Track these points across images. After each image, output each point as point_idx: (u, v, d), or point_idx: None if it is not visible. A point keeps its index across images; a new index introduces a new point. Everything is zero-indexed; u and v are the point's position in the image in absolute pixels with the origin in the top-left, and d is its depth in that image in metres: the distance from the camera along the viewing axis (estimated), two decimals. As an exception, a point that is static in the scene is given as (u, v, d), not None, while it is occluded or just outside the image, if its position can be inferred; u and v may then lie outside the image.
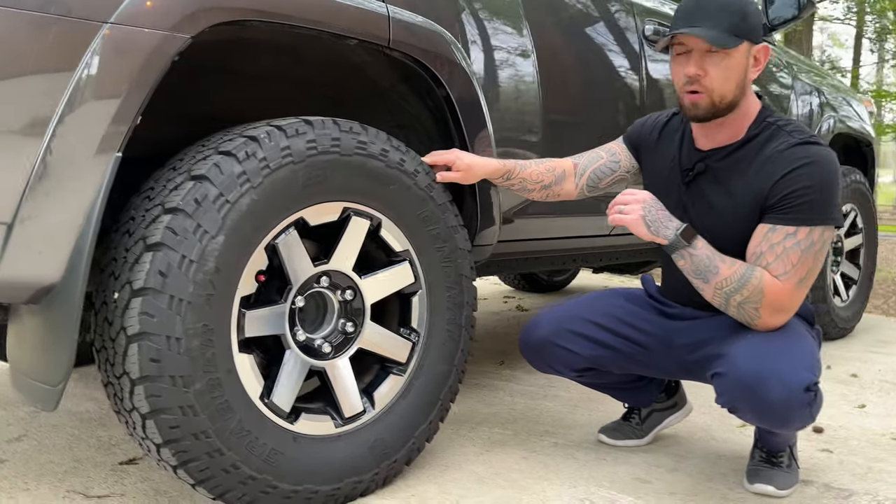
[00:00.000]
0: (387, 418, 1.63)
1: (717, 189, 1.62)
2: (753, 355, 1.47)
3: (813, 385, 1.43)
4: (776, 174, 1.53)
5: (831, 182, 1.51)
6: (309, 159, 1.44)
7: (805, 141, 1.54)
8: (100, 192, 1.22)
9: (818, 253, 1.52)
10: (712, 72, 1.53)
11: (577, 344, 1.75)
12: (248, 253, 1.38)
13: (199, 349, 1.30)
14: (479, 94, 1.78)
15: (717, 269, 1.53)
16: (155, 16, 1.23)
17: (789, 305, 1.52)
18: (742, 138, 1.61)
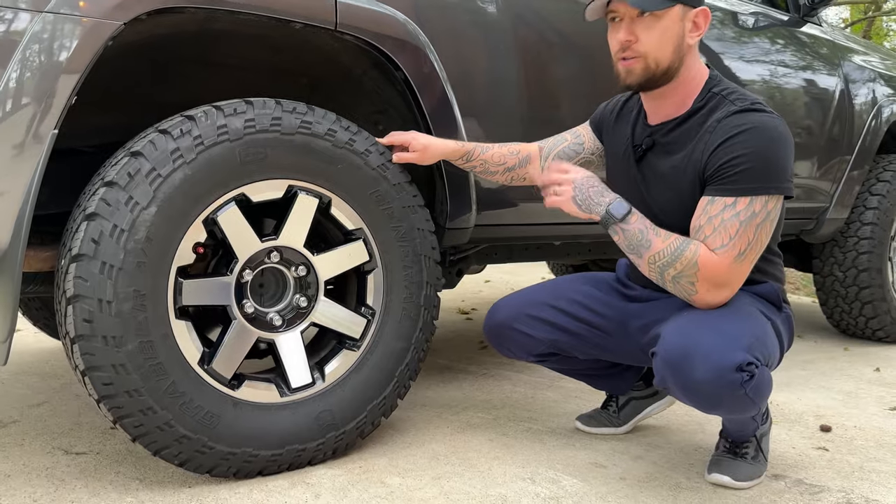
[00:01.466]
0: (336, 391, 1.68)
1: (664, 164, 1.57)
2: (684, 332, 1.41)
3: (747, 365, 1.35)
4: (713, 143, 1.46)
5: (772, 149, 1.43)
6: (247, 137, 1.52)
7: (745, 108, 1.46)
8: (37, 168, 1.34)
9: (762, 224, 1.44)
10: (643, 36, 1.48)
11: (535, 328, 1.73)
12: (185, 225, 1.47)
13: (130, 312, 1.40)
14: (440, 75, 1.81)
15: (651, 243, 1.47)
16: (87, 5, 1.34)
17: (728, 280, 1.45)
18: (687, 111, 1.55)
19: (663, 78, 1.52)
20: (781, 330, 1.56)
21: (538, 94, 2.04)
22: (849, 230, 3.10)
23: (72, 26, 1.34)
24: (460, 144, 1.80)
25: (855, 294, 3.12)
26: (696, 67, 1.55)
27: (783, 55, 2.75)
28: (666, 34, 1.49)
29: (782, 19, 2.81)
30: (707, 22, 1.52)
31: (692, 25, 1.51)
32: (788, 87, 2.73)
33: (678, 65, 1.51)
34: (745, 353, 1.36)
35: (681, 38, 1.50)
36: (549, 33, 2.07)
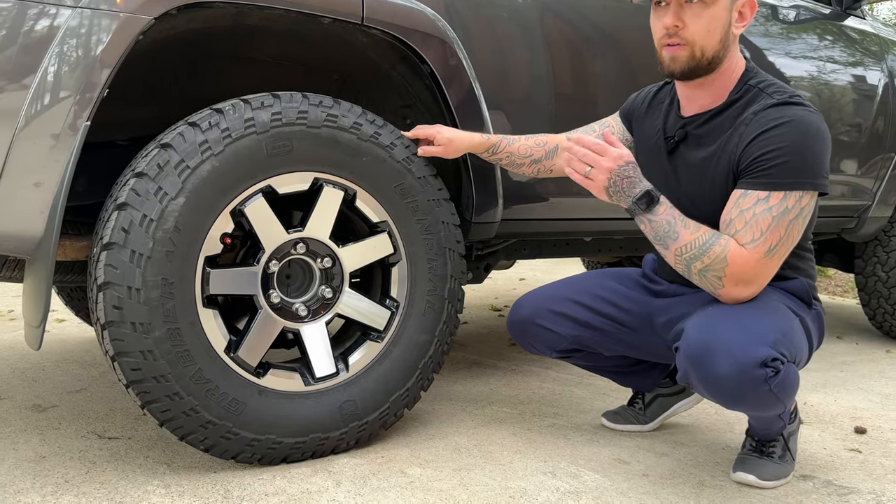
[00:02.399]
0: (360, 382, 1.70)
1: (697, 156, 1.55)
2: (707, 327, 1.39)
3: (771, 361, 1.33)
4: (748, 136, 1.44)
5: (809, 144, 1.40)
6: (273, 130, 1.54)
7: (783, 101, 1.44)
8: (70, 159, 1.38)
9: (794, 221, 1.41)
10: (691, 23, 1.46)
11: (557, 324, 1.73)
12: (212, 216, 1.50)
13: (158, 300, 1.44)
14: (467, 68, 1.81)
15: (678, 235, 1.45)
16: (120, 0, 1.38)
17: (756, 276, 1.42)
18: (722, 103, 1.53)
19: (707, 67, 1.49)
20: (811, 327, 1.53)
21: (566, 87, 2.03)
22: (893, 229, 3.01)
23: (104, 21, 1.38)
24: (486, 137, 1.80)
25: (899, 294, 3.03)
26: (735, 58, 1.53)
27: (825, 49, 2.68)
28: (714, 22, 1.46)
29: (824, 12, 2.75)
30: (753, 12, 1.50)
31: (738, 15, 1.49)
32: (830, 81, 2.66)
33: (723, 54, 1.49)
34: (769, 349, 1.34)
35: (727, 28, 1.48)
36: (578, 26, 2.06)
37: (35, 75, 1.34)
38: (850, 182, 2.77)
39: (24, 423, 1.89)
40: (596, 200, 2.16)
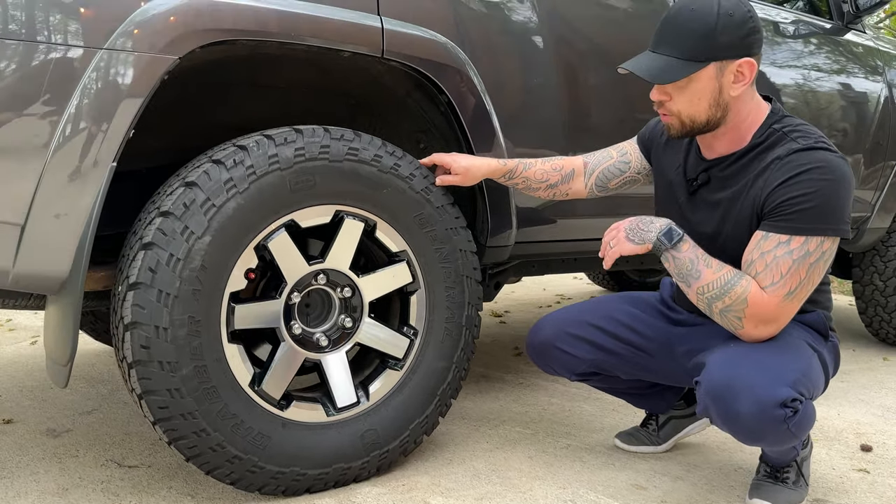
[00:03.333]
0: (380, 410, 1.71)
1: (719, 198, 1.56)
2: (729, 365, 1.42)
3: (791, 401, 1.36)
4: (774, 181, 1.45)
5: (833, 190, 1.41)
6: (297, 165, 1.55)
7: (809, 147, 1.44)
8: (97, 197, 1.38)
9: (815, 265, 1.43)
10: (675, 96, 1.49)
11: (577, 347, 1.75)
12: (237, 252, 1.51)
13: (185, 338, 1.45)
14: (484, 99, 1.82)
15: (700, 274, 1.48)
16: (143, 40, 1.38)
17: (776, 318, 1.45)
18: (745, 147, 1.54)
19: (706, 128, 1.52)
20: (827, 360, 1.56)
21: (580, 112, 2.05)
22: (890, 239, 3.06)
23: (131, 62, 1.37)
24: (502, 162, 1.81)
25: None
26: (747, 109, 1.52)
27: (826, 63, 2.72)
28: (697, 94, 1.47)
29: (825, 27, 2.78)
30: (753, 71, 1.47)
31: (735, 76, 1.47)
32: (831, 95, 2.69)
33: (720, 115, 1.50)
34: (789, 389, 1.37)
35: (717, 94, 1.47)
36: (590, 53, 2.07)
37: (62, 115, 1.34)
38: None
39: (42, 451, 1.89)
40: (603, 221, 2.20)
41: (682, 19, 1.47)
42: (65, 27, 1.33)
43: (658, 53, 1.49)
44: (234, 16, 1.47)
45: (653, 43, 1.52)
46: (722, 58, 1.45)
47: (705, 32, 1.44)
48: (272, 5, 1.52)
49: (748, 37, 1.46)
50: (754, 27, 1.47)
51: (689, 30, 1.45)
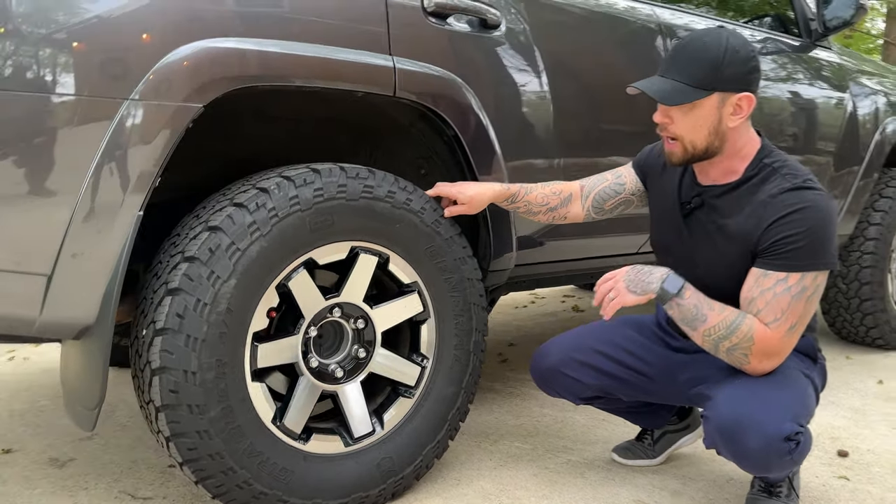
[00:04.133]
0: (395, 438, 1.77)
1: (712, 224, 1.66)
2: (736, 402, 1.51)
3: (794, 434, 1.46)
4: (766, 220, 1.54)
5: (822, 227, 1.51)
6: (316, 206, 1.58)
7: (797, 186, 1.54)
8: (124, 247, 1.40)
9: (811, 298, 1.53)
10: (678, 120, 1.57)
11: (582, 373, 1.83)
12: (260, 293, 1.54)
13: (213, 381, 1.47)
14: (488, 131, 1.87)
15: (706, 318, 1.56)
16: (169, 91, 1.39)
17: (780, 351, 1.55)
18: (738, 179, 1.63)
19: (705, 156, 1.60)
20: (818, 384, 1.67)
21: (574, 142, 2.11)
22: (853, 244, 3.23)
23: (156, 112, 1.38)
24: (505, 187, 1.87)
25: (857, 305, 3.25)
26: (742, 141, 1.61)
27: (794, 79, 2.83)
28: (699, 121, 1.55)
29: (794, 45, 2.89)
30: (751, 105, 1.56)
31: (734, 109, 1.56)
32: (801, 107, 2.81)
33: (718, 144, 1.58)
34: (793, 424, 1.47)
35: (717, 123, 1.56)
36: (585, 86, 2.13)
37: (90, 166, 1.34)
38: (818, 205, 2.95)
39: (51, 484, 1.89)
40: (597, 241, 2.28)
41: (693, 49, 1.55)
42: (92, 79, 1.33)
43: (667, 78, 1.57)
44: (257, 62, 1.49)
45: (663, 68, 1.60)
46: (725, 89, 1.54)
47: (713, 64, 1.53)
48: (290, 50, 1.54)
49: (750, 73, 1.56)
50: (756, 66, 1.57)
51: (698, 59, 1.54)
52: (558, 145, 2.07)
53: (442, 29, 1.80)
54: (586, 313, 4.20)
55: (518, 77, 1.95)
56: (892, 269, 3.33)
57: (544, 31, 2.00)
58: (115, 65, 1.35)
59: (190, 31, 1.42)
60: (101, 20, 1.34)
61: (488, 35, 1.89)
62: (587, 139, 2.15)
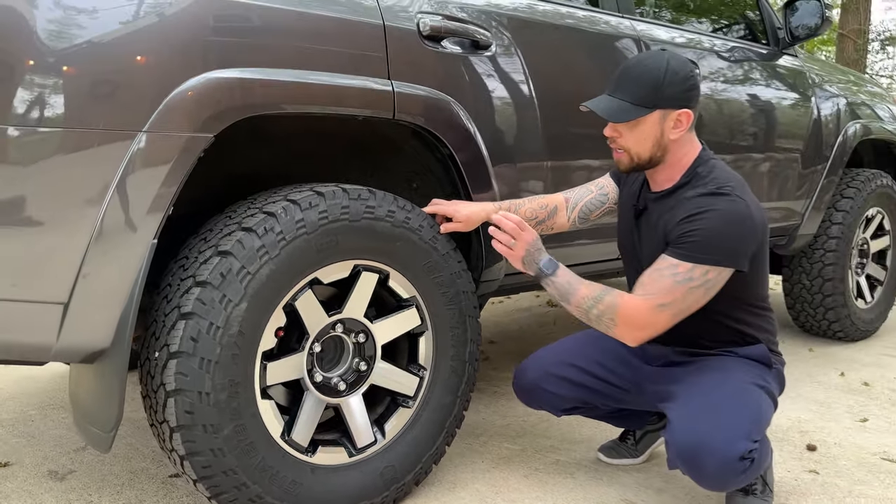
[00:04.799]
0: (396, 447, 1.84)
1: (651, 225, 1.81)
2: (691, 426, 1.62)
3: (748, 452, 1.58)
4: (677, 217, 1.69)
5: (724, 229, 1.63)
6: (321, 228, 1.63)
7: (711, 192, 1.67)
8: (139, 275, 1.44)
9: (694, 290, 1.64)
10: (625, 134, 1.72)
11: (561, 388, 1.94)
12: (269, 314, 1.59)
13: (226, 401, 1.52)
14: (482, 151, 1.94)
15: (577, 290, 1.74)
16: (181, 122, 1.42)
17: (645, 324, 1.67)
18: (673, 185, 1.77)
19: (647, 166, 1.76)
20: (774, 390, 1.79)
21: (561, 158, 2.19)
22: (816, 243, 3.38)
23: (169, 143, 1.42)
24: (497, 205, 1.95)
25: (820, 301, 3.42)
26: (683, 151, 1.75)
27: (762, 85, 2.95)
28: (644, 135, 1.71)
29: (762, 52, 3.01)
30: (689, 120, 1.71)
31: (674, 123, 1.71)
32: (768, 114, 2.93)
33: (660, 154, 1.74)
34: (746, 442, 1.58)
35: (659, 136, 1.71)
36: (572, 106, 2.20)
37: (105, 196, 1.38)
38: (785, 207, 3.09)
39: (54, 498, 1.92)
40: (578, 249, 2.37)
41: (637, 71, 1.70)
42: (107, 112, 1.36)
43: (614, 97, 1.72)
44: (265, 91, 1.53)
45: (611, 88, 1.74)
46: (665, 106, 1.69)
47: (655, 84, 1.68)
48: (295, 78, 1.58)
49: (688, 91, 1.71)
50: (694, 84, 1.72)
51: (641, 80, 1.69)
52: (546, 159, 2.15)
53: (437, 52, 1.85)
54: (559, 309, 4.31)
55: (507, 95, 2.02)
56: (852, 265, 3.50)
57: (531, 49, 2.07)
58: (128, 98, 1.38)
59: (198, 63, 1.45)
60: (114, 55, 1.37)
61: (480, 56, 1.95)
62: (574, 152, 2.23)
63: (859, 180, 3.45)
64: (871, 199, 3.49)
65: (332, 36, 1.66)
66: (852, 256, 3.49)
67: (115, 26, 1.37)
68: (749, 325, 1.81)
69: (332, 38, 1.66)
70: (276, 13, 1.58)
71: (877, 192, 3.50)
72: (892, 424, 2.53)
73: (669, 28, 2.63)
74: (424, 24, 1.82)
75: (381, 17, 1.75)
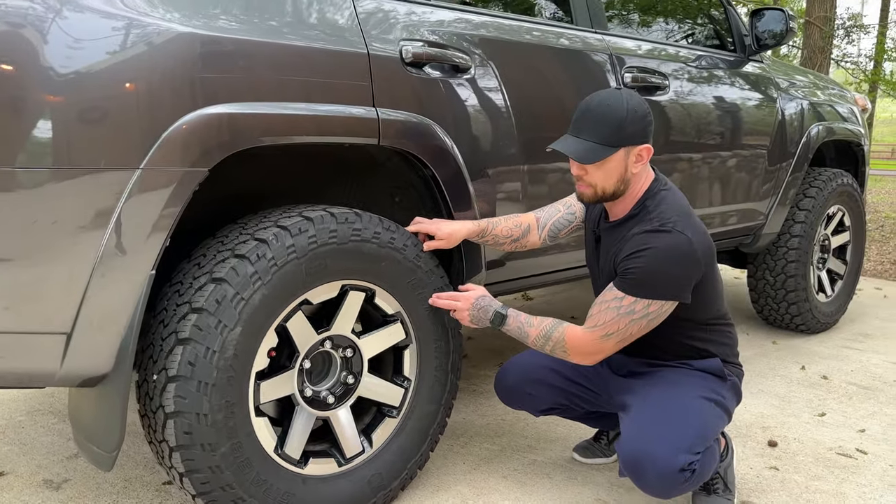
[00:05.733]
0: (383, 455, 1.93)
1: (606, 252, 1.92)
2: (638, 435, 1.75)
3: (688, 465, 1.70)
4: (623, 253, 1.80)
5: (664, 266, 1.74)
6: (311, 252, 1.70)
7: (654, 229, 1.77)
8: (138, 303, 1.50)
9: (636, 321, 1.77)
10: (592, 173, 1.81)
11: (540, 391, 2.06)
12: (262, 336, 1.66)
13: (223, 421, 1.60)
14: (463, 171, 2.02)
15: (528, 334, 1.89)
16: (176, 158, 1.48)
17: (595, 351, 1.82)
18: (624, 216, 1.88)
19: (612, 198, 1.85)
20: (727, 401, 1.91)
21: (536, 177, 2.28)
22: (779, 241, 3.52)
23: (165, 178, 1.48)
24: (476, 224, 2.04)
25: (783, 296, 3.57)
26: (639, 184, 1.86)
27: (730, 90, 3.06)
28: (610, 172, 1.80)
29: (729, 60, 3.12)
30: (650, 155, 1.82)
31: (636, 158, 1.80)
32: (735, 117, 3.05)
33: (623, 188, 1.83)
34: (686, 455, 1.70)
35: (623, 172, 1.81)
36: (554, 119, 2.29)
37: (105, 232, 1.43)
38: (750, 208, 3.22)
39: (52, 508, 1.99)
40: (550, 258, 2.48)
41: (600, 112, 1.77)
42: (105, 151, 1.41)
43: (580, 138, 1.79)
44: (259, 124, 1.60)
45: (574, 129, 1.81)
46: (629, 144, 1.79)
47: (618, 124, 1.76)
48: (281, 110, 1.64)
49: (647, 127, 1.81)
50: (650, 120, 1.82)
51: (605, 121, 1.76)
52: (524, 178, 2.24)
53: (419, 77, 1.92)
54: (535, 301, 4.42)
55: (486, 116, 2.10)
56: (813, 261, 3.66)
57: (508, 71, 2.15)
58: (126, 136, 1.44)
59: (191, 100, 1.51)
60: (111, 95, 1.42)
61: (459, 79, 2.02)
62: (551, 170, 2.32)
63: (821, 180, 3.59)
64: (833, 197, 3.63)
65: (321, 68, 1.71)
66: (814, 252, 3.64)
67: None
68: (704, 340, 1.93)
69: (321, 69, 1.71)
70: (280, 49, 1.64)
71: (837, 191, 3.65)
72: (848, 418, 2.69)
73: (640, 41, 2.72)
74: (407, 51, 1.88)
75: (366, 46, 1.81)
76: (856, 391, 2.98)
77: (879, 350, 3.56)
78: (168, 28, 1.49)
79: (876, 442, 2.48)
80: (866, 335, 3.82)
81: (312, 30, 1.72)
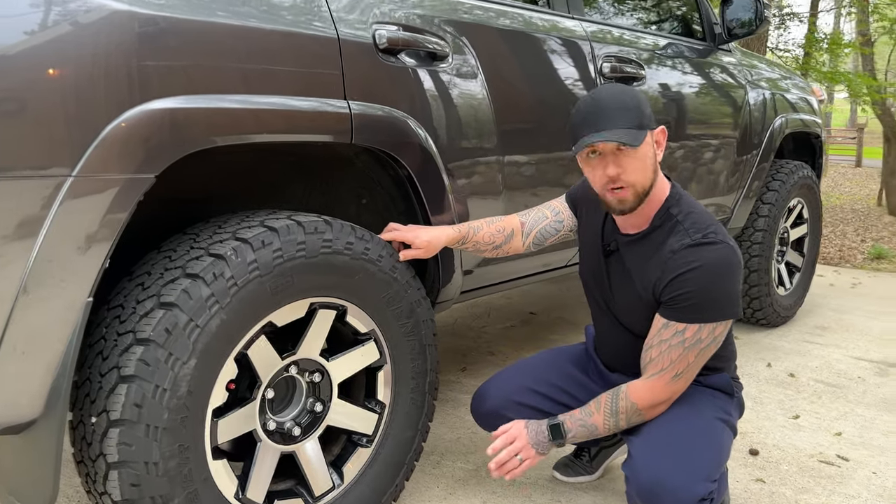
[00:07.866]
0: (355, 489, 1.73)
1: (625, 268, 1.74)
2: (652, 464, 1.58)
3: (708, 494, 1.56)
4: (668, 274, 1.62)
5: (719, 284, 1.58)
6: (276, 268, 1.48)
7: (697, 243, 1.60)
8: (73, 335, 1.25)
9: (705, 349, 1.63)
10: (630, 166, 1.60)
11: (522, 413, 1.87)
12: (219, 368, 1.43)
13: (176, 468, 1.37)
14: (442, 174, 1.82)
15: (596, 426, 1.72)
16: (116, 163, 1.23)
17: (667, 397, 1.67)
18: (646, 229, 1.70)
19: (645, 197, 1.65)
20: (734, 420, 1.79)
21: (517, 177, 2.10)
22: (743, 234, 3.46)
23: (103, 188, 1.23)
24: (456, 230, 1.85)
25: (745, 290, 3.51)
26: (660, 184, 1.69)
27: (699, 79, 2.94)
28: (645, 160, 1.62)
29: (698, 48, 3.00)
30: (665, 137, 1.66)
31: (657, 143, 1.66)
32: (703, 106, 2.93)
33: (653, 182, 1.65)
34: (706, 484, 1.56)
35: (653, 159, 1.64)
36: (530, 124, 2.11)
37: (31, 251, 1.18)
38: (717, 203, 3.13)
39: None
40: (531, 261, 2.31)
41: (618, 101, 1.59)
42: (27, 153, 1.16)
43: (612, 130, 1.57)
44: (214, 121, 1.36)
45: (600, 126, 1.58)
46: (651, 127, 1.63)
47: (638, 108, 1.60)
48: (242, 105, 1.41)
49: (651, 111, 1.65)
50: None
51: (626, 108, 1.58)
52: (505, 177, 2.05)
53: (393, 66, 1.70)
54: (491, 298, 4.27)
55: (466, 108, 1.90)
56: (774, 254, 3.61)
57: (489, 58, 1.95)
58: (56, 137, 1.18)
59: (130, 93, 1.26)
60: (30, 85, 1.16)
61: (437, 67, 1.81)
62: (535, 169, 2.14)
63: (783, 172, 3.54)
64: (794, 190, 3.59)
65: (284, 54, 1.48)
66: (775, 246, 3.60)
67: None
68: (715, 356, 1.76)
69: (284, 56, 1.48)
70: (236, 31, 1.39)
71: (798, 184, 3.61)
72: (822, 420, 2.63)
73: (621, 28, 2.56)
74: (381, 35, 1.66)
75: (336, 29, 1.58)
76: (824, 389, 2.93)
77: (840, 344, 3.54)
78: (100, 4, 1.23)
79: (854, 447, 2.42)
80: (824, 328, 3.81)
81: (276, 10, 1.49)
